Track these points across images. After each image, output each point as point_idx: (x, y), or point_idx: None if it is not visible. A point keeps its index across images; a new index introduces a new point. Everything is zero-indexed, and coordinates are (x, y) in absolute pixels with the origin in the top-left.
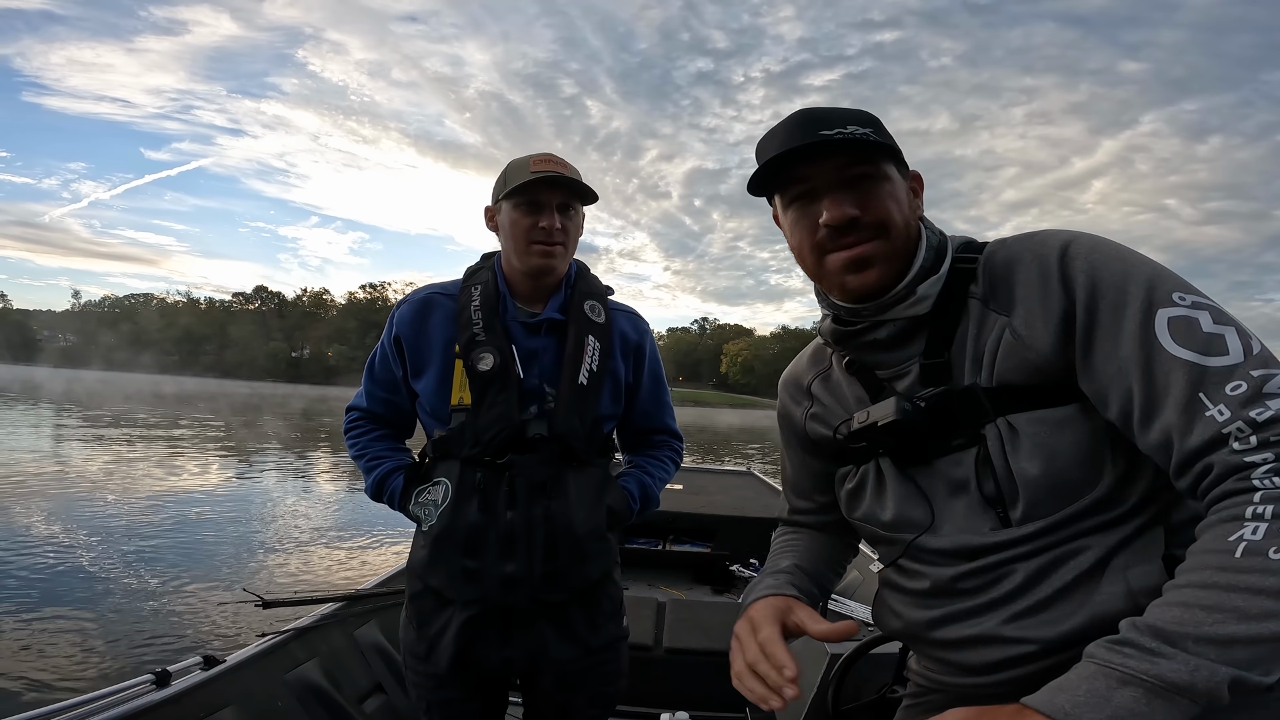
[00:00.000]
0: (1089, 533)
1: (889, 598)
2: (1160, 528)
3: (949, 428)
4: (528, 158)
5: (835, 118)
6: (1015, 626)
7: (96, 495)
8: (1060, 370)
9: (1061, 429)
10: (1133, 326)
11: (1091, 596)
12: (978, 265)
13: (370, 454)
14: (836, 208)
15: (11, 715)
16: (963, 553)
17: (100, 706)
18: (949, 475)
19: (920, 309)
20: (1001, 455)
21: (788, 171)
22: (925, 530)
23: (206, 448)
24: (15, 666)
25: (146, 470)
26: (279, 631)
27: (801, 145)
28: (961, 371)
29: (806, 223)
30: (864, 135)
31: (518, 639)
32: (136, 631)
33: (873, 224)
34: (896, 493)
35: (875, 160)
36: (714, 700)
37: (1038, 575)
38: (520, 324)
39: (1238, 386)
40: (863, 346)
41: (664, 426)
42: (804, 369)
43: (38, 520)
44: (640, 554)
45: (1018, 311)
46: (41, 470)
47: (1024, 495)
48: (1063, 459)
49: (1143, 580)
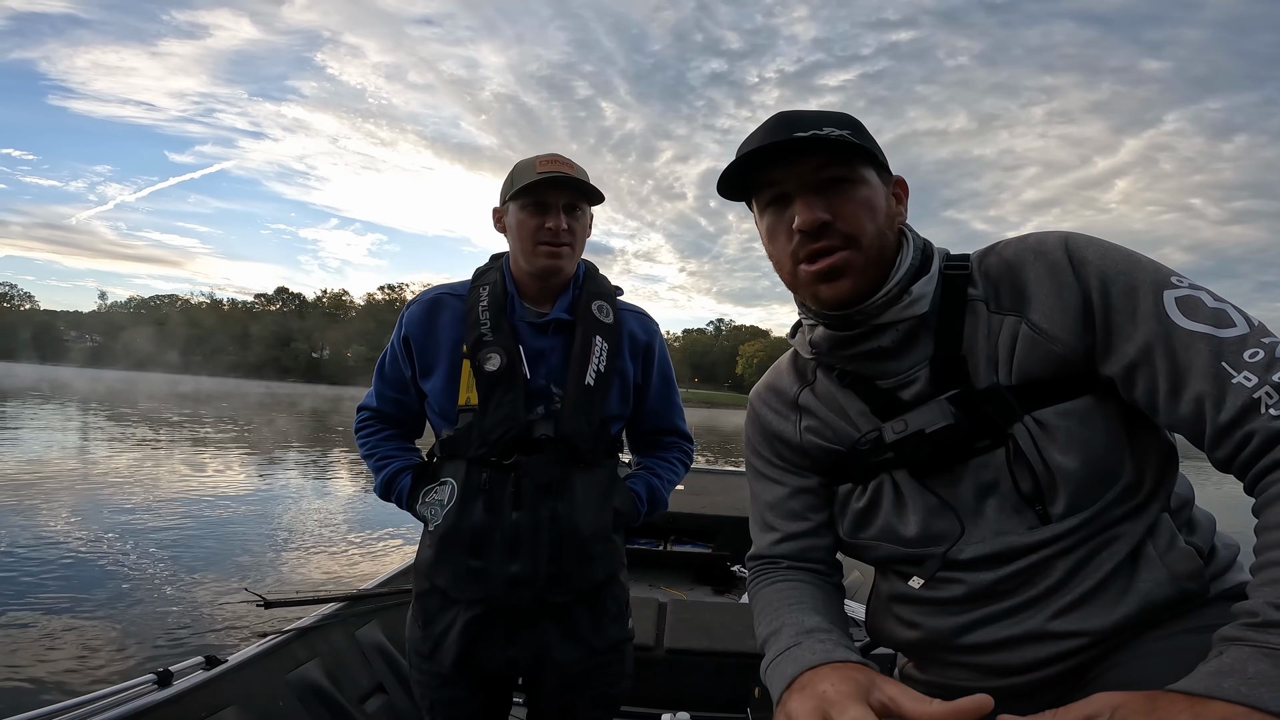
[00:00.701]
0: (1119, 521)
1: (900, 610)
2: (1166, 513)
3: (973, 430)
4: (534, 159)
5: (811, 119)
6: (1063, 621)
7: (101, 495)
8: (1081, 360)
9: (1088, 420)
10: (1147, 306)
11: (1134, 584)
12: (970, 270)
13: (379, 453)
14: (808, 211)
15: (12, 715)
16: (1003, 556)
17: (102, 706)
18: (977, 479)
19: (919, 308)
20: (1035, 451)
21: (762, 175)
22: (956, 541)
23: (222, 447)
24: (16, 666)
25: (156, 469)
26: (280, 631)
27: (772, 144)
28: (978, 372)
29: (781, 228)
30: (838, 136)
31: (522, 639)
32: (137, 631)
33: (843, 231)
34: (918, 506)
35: (851, 163)
36: (715, 700)
37: (1077, 568)
38: (528, 324)
39: (1255, 354)
40: (862, 356)
41: (673, 428)
42: (786, 381)
43: (45, 520)
44: (641, 554)
45: (1034, 307)
46: (47, 471)
47: (1064, 489)
48: (1097, 449)
49: (1182, 565)
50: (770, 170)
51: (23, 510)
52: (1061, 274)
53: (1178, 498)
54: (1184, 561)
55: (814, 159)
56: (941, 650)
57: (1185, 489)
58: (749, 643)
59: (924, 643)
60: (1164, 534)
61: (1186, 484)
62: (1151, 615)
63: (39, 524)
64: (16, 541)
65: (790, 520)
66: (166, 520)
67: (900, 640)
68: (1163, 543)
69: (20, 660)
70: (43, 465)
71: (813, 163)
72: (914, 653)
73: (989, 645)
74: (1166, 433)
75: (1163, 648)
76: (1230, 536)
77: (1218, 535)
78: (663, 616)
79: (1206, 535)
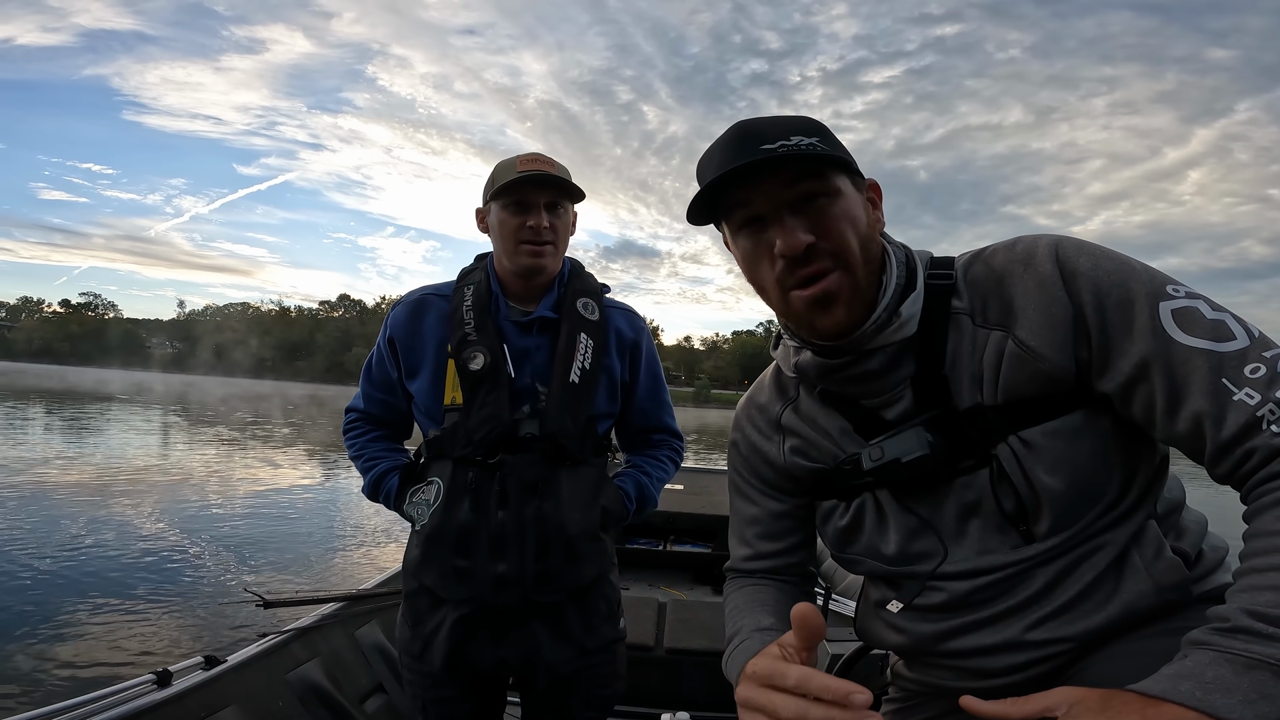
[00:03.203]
0: (1102, 532)
1: (886, 615)
2: (1153, 520)
3: (956, 451)
4: (515, 158)
5: (775, 128)
6: (1041, 631)
7: (107, 494)
8: (1072, 377)
9: (1076, 438)
10: (1143, 321)
11: (1116, 593)
12: (955, 281)
13: (367, 454)
14: (790, 236)
15: (12, 715)
16: (983, 571)
17: (101, 706)
18: (959, 500)
19: (907, 330)
20: (1020, 472)
21: (729, 196)
22: (940, 563)
23: (262, 449)
24: (16, 666)
25: (166, 470)
26: (280, 631)
27: (739, 167)
28: (960, 391)
29: (762, 251)
30: (809, 146)
31: (511, 639)
32: (138, 631)
33: (830, 251)
34: (899, 525)
35: (824, 175)
36: (714, 700)
37: (1057, 579)
38: (513, 323)
39: (1256, 369)
40: (848, 379)
41: (663, 425)
42: (769, 399)
43: (62, 520)
44: (641, 554)
45: (1021, 323)
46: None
47: (1048, 509)
48: (1084, 468)
49: (1167, 575)
50: (737, 191)
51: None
52: (1052, 288)
53: (1166, 502)
54: (1170, 572)
55: (784, 174)
56: (925, 655)
57: (1176, 492)
58: None
59: (908, 648)
60: (1150, 542)
61: (1178, 486)
62: (1133, 623)
63: (54, 525)
64: (15, 543)
65: (765, 541)
66: (173, 521)
67: (886, 643)
68: (1149, 552)
69: (20, 660)
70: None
71: (784, 178)
72: (900, 655)
73: (969, 651)
74: (1160, 444)
75: (1136, 649)
76: (1220, 538)
77: (1207, 536)
78: (662, 616)
79: (1195, 539)
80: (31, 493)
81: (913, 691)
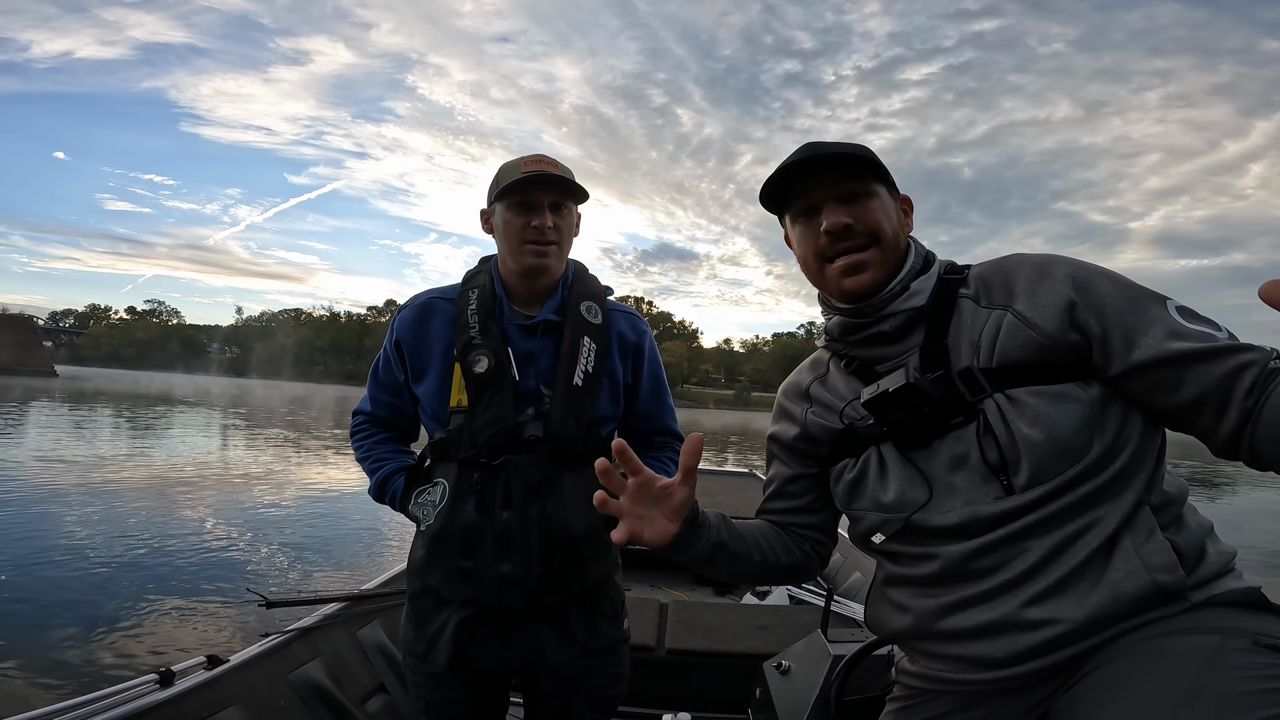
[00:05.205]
0: (1090, 504)
1: (893, 593)
2: (1148, 507)
3: (949, 408)
4: (519, 159)
5: (833, 143)
6: (1038, 609)
7: (111, 495)
8: (1064, 351)
9: (1059, 400)
10: (1154, 311)
11: (1107, 573)
12: (967, 276)
13: (373, 456)
14: (834, 215)
15: (13, 715)
16: (972, 527)
17: (104, 706)
18: (951, 451)
19: (917, 301)
20: (1003, 424)
21: (794, 189)
22: (922, 507)
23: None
24: (17, 666)
25: (174, 470)
26: (282, 631)
27: (805, 159)
28: (959, 357)
29: (810, 233)
30: (856, 152)
31: (515, 640)
32: (139, 631)
33: (865, 232)
34: (898, 474)
35: (866, 179)
36: (716, 701)
37: (1052, 554)
38: (517, 326)
39: (1249, 343)
40: (867, 340)
41: (665, 428)
42: (803, 376)
43: (69, 521)
44: (642, 555)
45: (1020, 300)
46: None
47: (1027, 460)
48: (1063, 425)
49: (1156, 558)
50: (801, 184)
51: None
52: (1051, 278)
53: (1164, 494)
54: (1158, 554)
55: (836, 173)
56: (927, 638)
57: (1177, 489)
58: (750, 643)
59: (912, 629)
60: (1142, 526)
61: (1180, 484)
62: (1125, 607)
63: (66, 525)
64: (17, 542)
65: (780, 499)
66: (176, 520)
67: (894, 628)
68: (1140, 535)
69: (21, 660)
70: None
71: (835, 176)
72: (906, 642)
73: (968, 631)
74: (1154, 428)
75: (1148, 648)
76: (1228, 544)
77: (1212, 540)
78: (664, 617)
79: (1194, 536)
80: (33, 493)
81: (917, 690)
